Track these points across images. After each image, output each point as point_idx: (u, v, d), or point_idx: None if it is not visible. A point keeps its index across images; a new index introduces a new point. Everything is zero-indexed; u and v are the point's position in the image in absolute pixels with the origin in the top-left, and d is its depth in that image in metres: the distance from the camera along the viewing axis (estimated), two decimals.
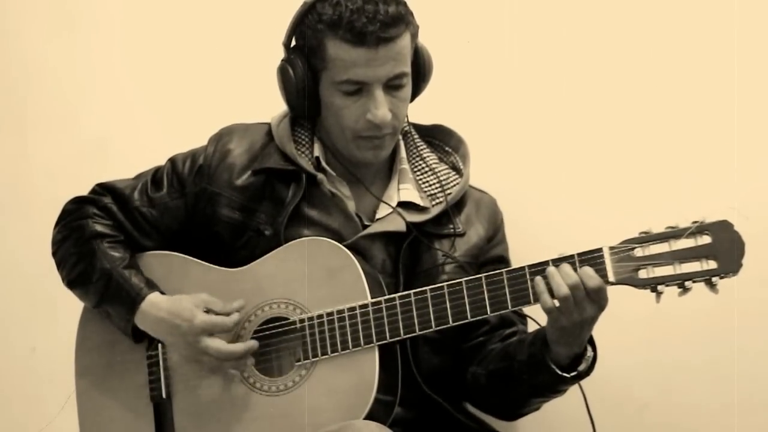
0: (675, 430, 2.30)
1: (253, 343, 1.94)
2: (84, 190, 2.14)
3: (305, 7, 1.96)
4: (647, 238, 1.77)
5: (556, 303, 1.80)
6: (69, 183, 2.55)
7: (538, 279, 1.81)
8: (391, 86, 1.94)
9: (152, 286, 2.02)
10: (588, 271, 1.78)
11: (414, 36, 1.97)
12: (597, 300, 1.80)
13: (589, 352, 1.90)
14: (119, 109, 2.71)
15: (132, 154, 2.61)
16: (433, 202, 2.05)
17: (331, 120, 2.00)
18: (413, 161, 2.09)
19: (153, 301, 1.99)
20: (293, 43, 2.01)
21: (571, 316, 1.80)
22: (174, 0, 2.68)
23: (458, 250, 2.04)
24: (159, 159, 2.15)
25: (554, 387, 1.92)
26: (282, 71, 2.00)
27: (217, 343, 1.93)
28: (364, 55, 1.90)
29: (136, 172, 2.15)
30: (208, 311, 1.95)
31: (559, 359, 1.88)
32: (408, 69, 1.96)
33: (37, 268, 2.21)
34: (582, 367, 1.89)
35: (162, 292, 2.02)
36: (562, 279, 1.78)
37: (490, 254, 2.09)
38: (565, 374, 1.88)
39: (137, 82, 2.70)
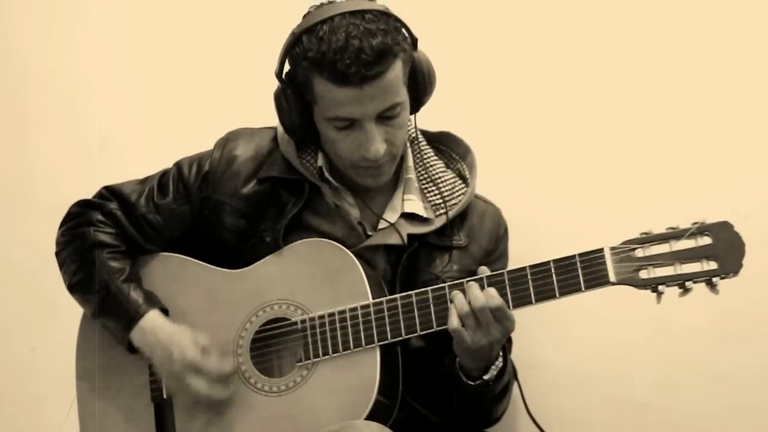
0: (675, 430, 2.30)
1: (233, 388, 1.95)
2: (84, 191, 2.14)
3: (292, 38, 1.91)
4: (648, 239, 1.77)
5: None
6: (69, 183, 2.58)
7: (453, 299, 1.85)
8: (385, 117, 1.91)
9: (151, 301, 2.01)
10: (490, 292, 1.82)
11: (407, 61, 1.92)
12: (500, 320, 1.83)
13: (498, 362, 1.92)
14: (119, 109, 2.71)
15: (132, 154, 2.62)
16: (438, 213, 2.04)
17: (328, 147, 2.00)
18: (419, 170, 2.08)
19: (153, 320, 1.99)
20: (287, 68, 1.97)
21: (475, 335, 1.83)
22: (175, 1, 2.68)
23: (458, 262, 2.04)
24: (159, 159, 2.14)
25: (468, 393, 1.93)
26: (276, 100, 1.98)
27: (199, 383, 1.94)
28: (351, 94, 1.86)
29: (137, 172, 2.15)
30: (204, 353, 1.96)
31: (468, 371, 1.91)
32: (401, 98, 1.91)
33: (38, 268, 2.22)
34: (488, 376, 1.91)
35: (163, 308, 2.02)
36: (467, 300, 1.82)
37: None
38: (470, 382, 1.91)
39: (138, 83, 2.70)
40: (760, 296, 2.23)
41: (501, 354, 1.92)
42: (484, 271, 1.87)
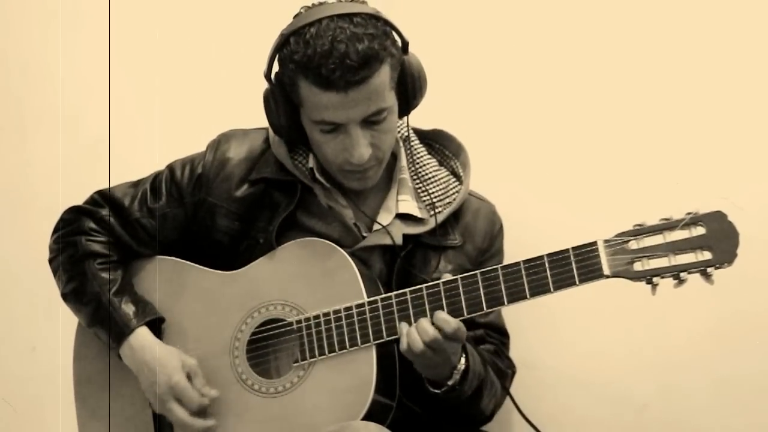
0: (675, 430, 2.29)
1: (212, 423, 1.95)
2: (83, 192, 2.14)
3: (280, 40, 1.90)
4: (641, 231, 1.76)
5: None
6: (69, 184, 2.58)
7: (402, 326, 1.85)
8: (370, 121, 1.89)
9: (144, 314, 2.01)
10: (442, 317, 1.82)
11: (395, 65, 1.91)
12: (456, 339, 1.83)
13: (461, 364, 1.90)
14: (119, 111, 2.71)
15: (132, 156, 2.61)
16: (432, 213, 2.03)
17: (315, 149, 1.99)
18: (412, 169, 2.08)
19: (142, 338, 1.99)
20: (276, 69, 1.96)
21: (431, 360, 1.84)
22: (175, 2, 2.70)
23: (453, 262, 2.03)
24: (159, 161, 2.14)
25: (439, 399, 1.92)
26: (265, 101, 1.98)
27: (180, 412, 1.95)
28: (335, 99, 1.85)
29: (136, 174, 2.14)
30: (189, 378, 1.96)
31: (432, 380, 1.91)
32: (387, 103, 1.89)
33: (37, 268, 2.20)
34: (451, 381, 1.89)
35: (156, 317, 2.02)
36: (419, 335, 1.82)
37: (483, 267, 2.00)
38: (436, 390, 1.90)
39: (137, 84, 2.70)
40: (760, 296, 2.22)
41: (464, 356, 1.91)
42: (446, 276, 1.87)
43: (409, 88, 1.96)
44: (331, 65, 1.82)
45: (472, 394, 1.93)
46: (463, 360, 1.89)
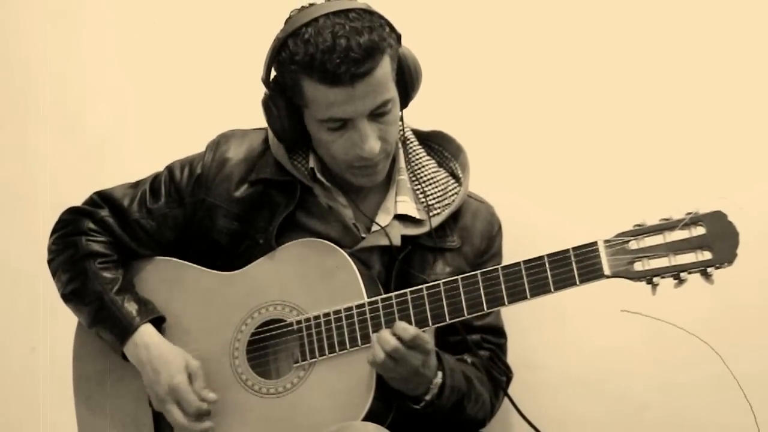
0: (675, 430, 2.29)
1: (209, 425, 1.94)
2: (85, 191, 2.13)
3: (278, 43, 1.91)
4: (642, 231, 1.76)
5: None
6: (70, 184, 2.59)
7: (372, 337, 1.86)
8: (377, 114, 1.90)
9: (146, 312, 2.01)
10: (401, 325, 1.82)
11: (394, 57, 1.92)
12: (416, 347, 1.82)
13: (438, 379, 1.90)
14: (120, 110, 2.72)
15: (133, 155, 2.63)
16: (430, 214, 2.03)
17: (322, 150, 1.99)
18: (411, 170, 2.08)
19: (147, 336, 1.99)
20: (273, 74, 1.97)
21: (395, 371, 1.83)
22: (175, 2, 2.70)
23: (452, 264, 2.03)
24: (160, 160, 2.14)
25: (420, 414, 1.92)
26: (265, 107, 1.98)
27: (177, 414, 1.95)
28: (343, 94, 1.85)
29: (137, 173, 2.14)
30: (190, 379, 1.96)
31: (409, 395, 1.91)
32: (391, 94, 1.91)
33: (38, 268, 2.21)
34: (429, 396, 1.89)
35: (158, 316, 2.02)
36: (380, 346, 1.82)
37: (481, 268, 1.99)
38: (415, 406, 1.90)
39: (138, 83, 2.71)
40: (760, 295, 2.22)
41: (441, 369, 1.91)
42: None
43: (407, 79, 1.97)
44: (336, 60, 1.82)
45: (452, 408, 1.93)
46: (440, 375, 1.90)
